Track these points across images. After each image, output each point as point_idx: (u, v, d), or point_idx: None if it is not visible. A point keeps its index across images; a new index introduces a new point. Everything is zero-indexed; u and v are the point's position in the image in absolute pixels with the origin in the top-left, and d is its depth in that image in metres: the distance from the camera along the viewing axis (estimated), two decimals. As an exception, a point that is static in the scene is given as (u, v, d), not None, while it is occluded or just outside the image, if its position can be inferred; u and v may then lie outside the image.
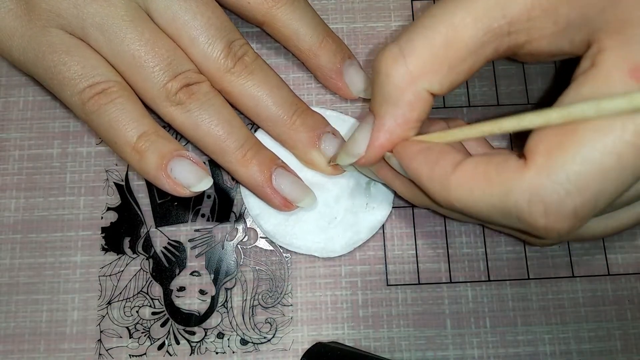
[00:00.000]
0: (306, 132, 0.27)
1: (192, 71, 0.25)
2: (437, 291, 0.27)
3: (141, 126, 0.24)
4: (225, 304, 0.27)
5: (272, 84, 0.26)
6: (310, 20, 0.27)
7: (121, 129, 0.24)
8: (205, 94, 0.25)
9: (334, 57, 0.27)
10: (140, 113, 0.25)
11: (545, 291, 0.27)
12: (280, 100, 0.26)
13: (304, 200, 0.26)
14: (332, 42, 0.27)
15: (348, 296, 0.27)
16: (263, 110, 0.26)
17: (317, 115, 0.27)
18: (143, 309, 0.27)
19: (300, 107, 0.27)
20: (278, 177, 0.26)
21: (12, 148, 0.29)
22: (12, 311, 0.27)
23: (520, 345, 0.27)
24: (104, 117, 0.24)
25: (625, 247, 0.28)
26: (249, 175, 0.26)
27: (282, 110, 0.26)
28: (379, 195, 0.28)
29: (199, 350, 0.26)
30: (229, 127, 0.25)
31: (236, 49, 0.26)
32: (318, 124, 0.27)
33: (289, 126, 0.26)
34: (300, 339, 0.27)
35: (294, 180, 0.27)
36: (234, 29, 0.26)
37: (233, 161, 0.26)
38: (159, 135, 0.25)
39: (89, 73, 0.24)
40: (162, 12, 0.25)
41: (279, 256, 0.28)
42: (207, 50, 0.25)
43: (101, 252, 0.28)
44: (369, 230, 0.27)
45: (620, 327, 0.27)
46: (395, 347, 0.27)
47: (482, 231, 0.28)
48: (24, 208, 0.28)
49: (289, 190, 0.26)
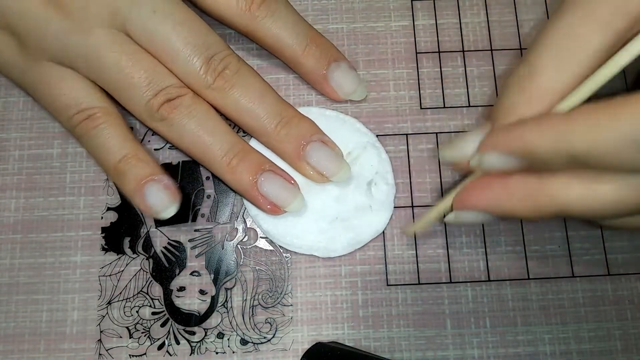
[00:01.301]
0: (291, 143, 0.27)
1: (174, 86, 0.26)
2: (437, 291, 0.27)
3: (122, 150, 0.26)
4: (225, 304, 0.27)
5: (255, 94, 0.26)
6: (292, 28, 0.27)
7: (104, 153, 0.26)
8: (187, 106, 0.26)
9: (318, 63, 0.27)
10: (123, 137, 0.26)
11: (545, 291, 0.27)
12: (263, 112, 0.26)
13: (291, 204, 0.26)
14: (315, 47, 0.27)
15: (348, 296, 0.27)
16: (248, 122, 0.26)
17: (304, 122, 0.27)
18: (143, 309, 0.27)
19: (286, 115, 0.27)
20: (264, 182, 0.26)
21: (12, 148, 0.29)
22: (12, 311, 0.27)
23: (520, 345, 0.27)
24: (91, 141, 0.26)
25: (625, 247, 0.28)
26: (236, 182, 0.26)
27: (267, 121, 0.26)
28: (380, 198, 0.28)
29: (199, 350, 0.26)
30: (212, 136, 0.26)
31: (215, 64, 0.26)
32: (304, 133, 0.27)
33: (274, 137, 0.27)
34: (300, 339, 0.27)
35: (281, 184, 0.26)
36: (216, 41, 0.26)
37: (220, 169, 0.26)
38: (139, 159, 0.26)
39: (74, 102, 0.26)
40: (140, 34, 0.25)
41: (279, 256, 0.28)
42: (187, 68, 0.25)
43: (101, 252, 0.28)
44: (371, 232, 0.27)
45: (620, 327, 0.27)
46: (395, 347, 0.27)
47: (482, 231, 0.28)
48: (24, 208, 0.28)
49: (275, 194, 0.26)
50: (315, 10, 0.31)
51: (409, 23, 0.31)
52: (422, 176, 0.29)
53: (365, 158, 0.28)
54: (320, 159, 0.26)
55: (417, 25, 0.31)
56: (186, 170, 0.29)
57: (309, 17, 0.30)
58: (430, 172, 0.29)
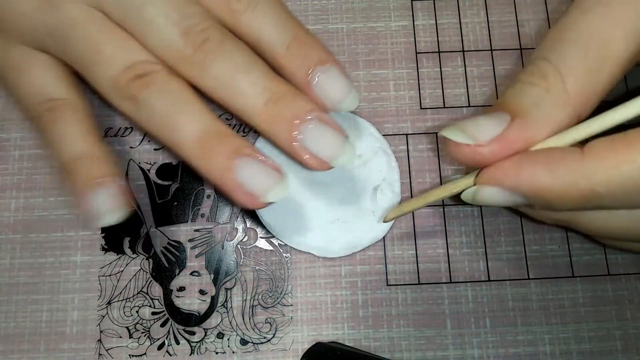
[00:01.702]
0: (282, 124, 0.23)
1: (146, 62, 0.23)
2: (437, 291, 0.27)
3: (77, 146, 0.24)
4: (225, 304, 0.27)
5: (240, 67, 0.23)
6: (273, 24, 0.24)
7: (58, 147, 0.24)
8: (158, 84, 0.23)
9: (302, 65, 0.24)
10: (82, 133, 0.24)
11: (545, 291, 0.27)
12: (249, 87, 0.23)
13: (269, 192, 0.22)
14: (300, 47, 0.24)
15: (348, 296, 0.27)
16: (231, 100, 0.23)
17: (299, 99, 0.23)
18: (143, 309, 0.27)
19: (277, 91, 0.23)
20: (241, 167, 0.22)
21: (12, 148, 0.29)
22: (12, 311, 0.27)
23: (520, 345, 0.27)
24: (48, 134, 0.24)
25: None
26: (207, 167, 0.22)
27: (253, 99, 0.23)
28: (384, 205, 0.28)
29: (199, 350, 0.26)
30: (185, 116, 0.23)
31: (194, 36, 0.23)
32: (297, 112, 0.23)
33: (263, 118, 0.23)
34: (300, 339, 0.27)
35: (261, 169, 0.22)
36: (196, 12, 0.23)
37: (190, 153, 0.23)
38: (93, 158, 0.24)
39: (40, 90, 0.24)
40: (113, 8, 0.23)
41: (279, 256, 0.28)
42: (161, 41, 0.23)
43: (101, 252, 0.28)
44: (371, 238, 0.27)
45: (620, 327, 0.27)
46: (395, 347, 0.27)
47: (482, 231, 0.28)
48: (24, 208, 0.28)
49: (251, 182, 0.22)
50: (315, 10, 0.31)
51: (409, 23, 0.31)
52: (422, 176, 0.29)
53: (375, 163, 0.28)
54: (319, 141, 0.23)
55: (417, 25, 0.31)
56: (186, 170, 0.29)
57: (309, 17, 0.30)
58: (430, 172, 0.29)
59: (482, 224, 0.28)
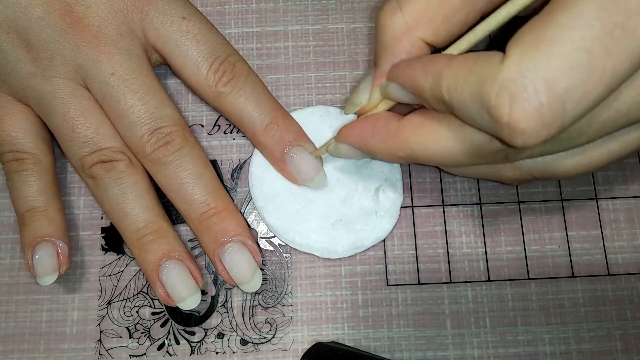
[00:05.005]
0: (210, 238, 0.26)
1: (111, 149, 0.25)
2: (437, 291, 0.27)
3: (33, 201, 0.26)
4: (225, 304, 0.27)
5: (190, 177, 0.26)
6: (255, 106, 0.26)
7: (18, 198, 0.26)
8: (117, 172, 0.25)
9: (277, 144, 0.26)
10: (41, 189, 0.26)
11: (545, 291, 0.27)
12: (190, 197, 0.26)
13: (183, 301, 0.25)
14: (277, 128, 0.26)
15: (348, 296, 0.27)
16: (176, 203, 0.26)
17: (231, 220, 0.26)
18: (143, 309, 0.27)
19: (215, 207, 0.26)
20: (166, 270, 0.25)
21: (12, 148, 0.29)
22: (12, 311, 0.27)
23: (520, 345, 0.27)
24: (12, 182, 0.26)
25: (625, 247, 0.28)
26: (140, 260, 0.25)
27: (191, 208, 0.26)
28: (386, 204, 0.28)
29: (199, 350, 0.26)
30: (132, 209, 0.25)
31: (159, 137, 0.25)
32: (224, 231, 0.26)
33: (196, 226, 0.26)
34: (300, 339, 0.27)
35: (183, 276, 0.25)
36: (168, 115, 0.26)
37: (130, 242, 0.26)
38: (44, 215, 0.26)
39: (11, 140, 0.26)
40: (96, 90, 0.26)
41: (279, 256, 0.28)
42: (130, 133, 0.25)
43: (101, 252, 0.28)
44: (373, 238, 0.27)
45: (620, 327, 0.27)
46: (395, 347, 0.27)
47: (482, 231, 0.28)
48: (24, 208, 0.28)
49: (172, 285, 0.25)
50: (315, 10, 0.31)
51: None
52: (422, 176, 0.29)
53: (377, 163, 0.28)
54: (232, 262, 0.25)
55: (417, 25, 0.31)
56: (186, 170, 0.29)
57: (309, 17, 0.30)
58: (430, 172, 0.29)
59: (482, 224, 0.28)
